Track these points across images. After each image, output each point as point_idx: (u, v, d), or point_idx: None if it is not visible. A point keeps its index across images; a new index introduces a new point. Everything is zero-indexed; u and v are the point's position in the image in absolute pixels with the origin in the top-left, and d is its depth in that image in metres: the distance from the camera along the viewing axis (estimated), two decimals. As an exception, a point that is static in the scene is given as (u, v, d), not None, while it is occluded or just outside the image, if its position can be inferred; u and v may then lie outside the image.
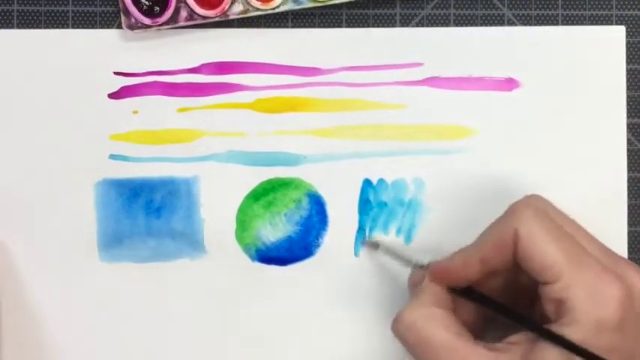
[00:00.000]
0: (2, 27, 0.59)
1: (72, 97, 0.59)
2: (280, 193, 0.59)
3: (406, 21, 0.60)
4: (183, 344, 0.59)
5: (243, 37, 0.59)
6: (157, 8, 0.58)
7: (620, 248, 0.57)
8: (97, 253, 0.59)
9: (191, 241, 0.59)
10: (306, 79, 0.59)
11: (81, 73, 0.59)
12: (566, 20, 0.60)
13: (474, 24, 0.60)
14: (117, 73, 0.59)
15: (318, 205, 0.59)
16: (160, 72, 0.59)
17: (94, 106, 0.59)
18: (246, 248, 0.59)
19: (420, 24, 0.60)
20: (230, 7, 0.58)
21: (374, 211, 0.59)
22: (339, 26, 0.60)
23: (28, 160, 0.59)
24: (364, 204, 0.59)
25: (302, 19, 0.60)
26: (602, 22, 0.60)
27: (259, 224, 0.59)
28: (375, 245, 0.58)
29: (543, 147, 0.59)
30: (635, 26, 0.60)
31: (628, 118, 0.59)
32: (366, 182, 0.59)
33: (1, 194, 0.59)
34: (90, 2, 0.60)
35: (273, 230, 0.59)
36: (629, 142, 0.59)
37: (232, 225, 0.59)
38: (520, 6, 0.60)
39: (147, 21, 0.58)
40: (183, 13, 0.58)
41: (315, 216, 0.59)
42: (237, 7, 0.59)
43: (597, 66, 0.59)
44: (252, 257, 0.59)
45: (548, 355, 0.48)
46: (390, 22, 0.60)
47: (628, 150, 0.59)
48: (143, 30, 0.59)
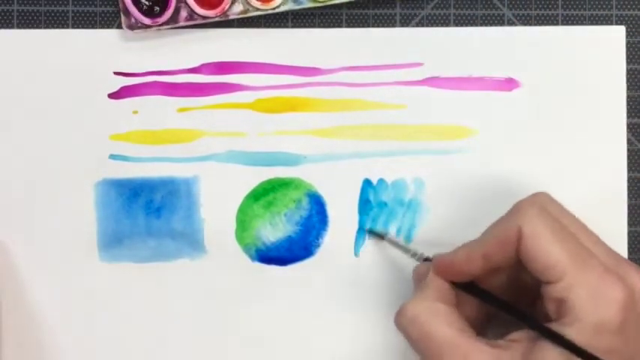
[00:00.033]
0: (2, 27, 0.59)
1: (72, 97, 0.59)
2: (280, 193, 0.59)
3: (406, 21, 0.60)
4: (183, 344, 0.59)
5: (243, 37, 0.59)
6: (157, 8, 0.58)
7: (620, 248, 0.57)
8: (97, 253, 0.59)
9: (191, 241, 0.59)
10: (306, 79, 0.59)
11: (81, 73, 0.59)
12: (566, 20, 0.60)
13: (474, 24, 0.60)
14: (117, 73, 0.59)
15: (318, 205, 0.59)
16: (160, 72, 0.59)
17: (94, 106, 0.59)
18: (246, 248, 0.59)
19: (420, 24, 0.60)
20: (230, 7, 0.58)
21: (374, 211, 0.59)
22: (339, 26, 0.60)
23: (28, 160, 0.59)
24: (364, 204, 0.59)
25: (302, 19, 0.60)
26: (602, 22, 0.60)
27: (259, 224, 0.59)
28: (380, 236, 0.58)
29: (543, 147, 0.59)
30: (635, 26, 0.60)
31: (628, 118, 0.59)
32: (366, 182, 0.59)
33: (1, 194, 0.59)
34: (90, 2, 0.60)
35: (273, 230, 0.59)
36: (629, 142, 0.59)
37: (232, 225, 0.59)
38: (520, 6, 0.60)
39: (147, 21, 0.58)
40: (183, 13, 0.58)
41: (315, 216, 0.59)
42: (237, 7, 0.59)
43: (597, 66, 0.59)
44: (252, 257, 0.59)
45: (549, 354, 0.48)
46: (390, 22, 0.60)
47: (628, 150, 0.59)
48: (143, 30, 0.58)
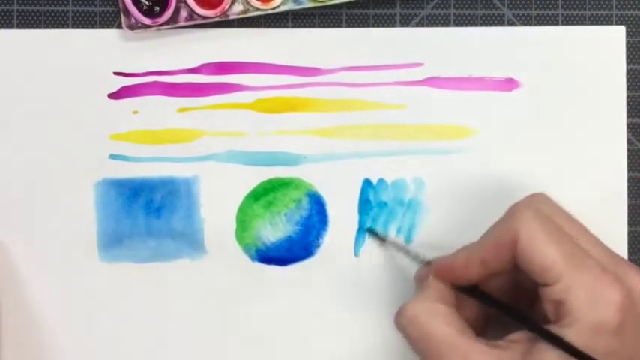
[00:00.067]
0: (2, 27, 0.59)
1: (72, 97, 0.59)
2: (280, 193, 0.59)
3: (406, 21, 0.60)
4: (183, 344, 0.59)
5: (243, 37, 0.59)
6: (157, 8, 0.58)
7: (620, 248, 0.57)
8: (97, 253, 0.59)
9: (191, 241, 0.59)
10: (306, 79, 0.59)
11: (81, 73, 0.59)
12: (566, 20, 0.60)
13: (474, 24, 0.60)
14: (117, 73, 0.59)
15: (318, 205, 0.59)
16: (160, 72, 0.59)
17: (94, 106, 0.59)
18: (246, 248, 0.59)
19: (420, 24, 0.60)
20: (230, 7, 0.58)
21: (374, 211, 0.59)
22: (339, 26, 0.60)
23: (28, 160, 0.59)
24: (364, 204, 0.59)
25: (302, 19, 0.60)
26: (602, 22, 0.60)
27: (259, 224, 0.59)
28: (381, 239, 0.58)
29: (543, 147, 0.59)
30: (635, 26, 0.60)
31: (628, 118, 0.59)
32: (366, 182, 0.59)
33: (1, 194, 0.59)
34: (90, 2, 0.60)
35: (273, 230, 0.59)
36: (629, 142, 0.59)
37: (232, 225, 0.59)
38: (520, 6, 0.60)
39: (147, 21, 0.58)
40: (183, 13, 0.58)
41: (315, 216, 0.59)
42: (237, 7, 0.59)
43: (597, 66, 0.59)
44: (252, 257, 0.59)
45: (547, 355, 0.48)
46: (390, 22, 0.60)
47: (628, 150, 0.59)
48: (143, 30, 0.58)
